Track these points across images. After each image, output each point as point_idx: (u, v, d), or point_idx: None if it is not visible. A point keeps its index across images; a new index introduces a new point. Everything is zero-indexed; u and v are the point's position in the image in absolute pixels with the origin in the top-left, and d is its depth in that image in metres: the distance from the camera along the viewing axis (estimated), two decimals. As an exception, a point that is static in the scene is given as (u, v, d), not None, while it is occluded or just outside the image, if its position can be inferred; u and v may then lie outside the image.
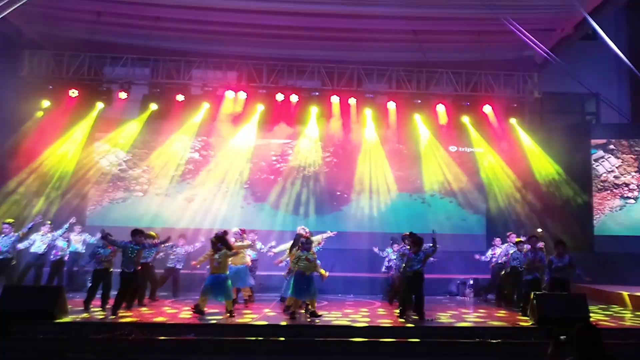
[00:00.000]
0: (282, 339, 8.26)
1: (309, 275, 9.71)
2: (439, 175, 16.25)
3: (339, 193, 16.28)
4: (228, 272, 10.01)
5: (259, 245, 12.32)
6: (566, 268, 10.20)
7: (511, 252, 12.05)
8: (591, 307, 10.08)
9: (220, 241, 9.88)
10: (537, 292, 9.56)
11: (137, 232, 10.19)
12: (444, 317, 10.30)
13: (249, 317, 9.95)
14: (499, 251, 12.87)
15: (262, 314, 10.34)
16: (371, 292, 13.79)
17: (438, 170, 16.25)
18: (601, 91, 17.16)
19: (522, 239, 11.77)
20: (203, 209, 15.75)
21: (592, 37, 17.49)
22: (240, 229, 11.97)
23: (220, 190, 16.02)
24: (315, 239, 11.36)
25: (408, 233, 10.84)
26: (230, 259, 10.14)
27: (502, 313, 11.06)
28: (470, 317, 10.52)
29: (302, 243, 10.16)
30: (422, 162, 16.39)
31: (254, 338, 8.12)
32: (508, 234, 12.60)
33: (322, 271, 10.03)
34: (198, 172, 16.22)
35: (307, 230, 11.64)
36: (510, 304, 11.50)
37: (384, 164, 16.24)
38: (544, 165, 15.60)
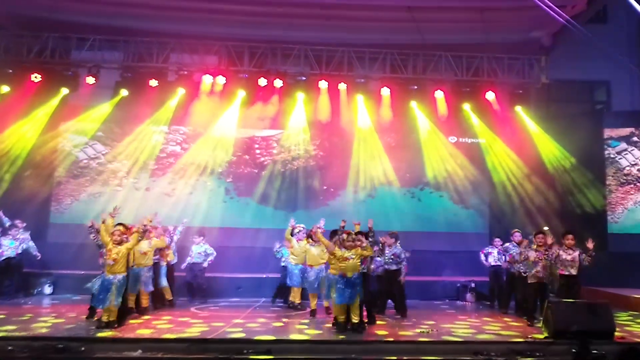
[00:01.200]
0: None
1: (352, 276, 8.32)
2: (437, 168, 14.92)
3: (325, 187, 14.99)
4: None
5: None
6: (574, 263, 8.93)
7: (513, 252, 10.76)
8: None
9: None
10: (549, 299, 8.26)
11: None
12: (443, 326, 8.98)
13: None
14: (495, 252, 11.57)
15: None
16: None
17: (437, 163, 14.92)
18: (612, 78, 16.02)
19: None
20: (182, 203, 14.41)
21: (603, 20, 16.42)
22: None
23: (199, 183, 14.77)
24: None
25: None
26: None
27: (509, 321, 9.75)
28: (470, 328, 9.17)
29: (341, 240, 8.55)
30: (419, 154, 15.05)
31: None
32: (512, 232, 11.25)
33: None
34: (174, 164, 14.87)
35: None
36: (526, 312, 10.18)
37: (376, 155, 14.92)
38: (554, 157, 14.32)
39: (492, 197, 15.10)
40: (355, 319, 8.23)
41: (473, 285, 12.75)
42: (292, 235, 10.49)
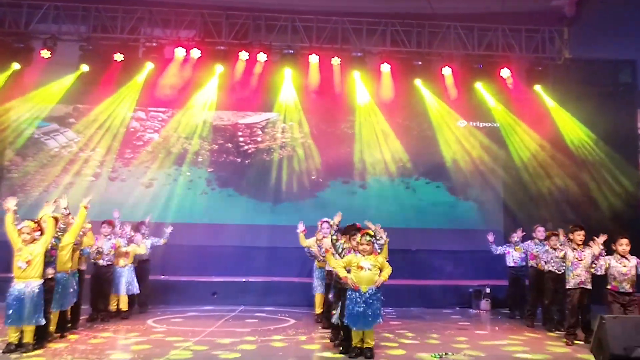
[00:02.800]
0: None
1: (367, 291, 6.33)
2: (445, 156, 13.12)
3: (313, 177, 13.18)
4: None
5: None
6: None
7: (535, 251, 8.94)
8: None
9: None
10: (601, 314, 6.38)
11: None
12: (459, 345, 7.13)
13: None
14: (516, 252, 9.75)
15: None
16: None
17: (445, 149, 13.13)
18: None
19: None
20: (157, 194, 12.79)
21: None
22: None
23: (177, 173, 13.09)
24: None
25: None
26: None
27: (537, 336, 7.91)
28: (493, 347, 7.32)
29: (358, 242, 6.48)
30: (425, 139, 13.27)
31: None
32: (535, 227, 9.38)
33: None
34: (141, 150, 13.12)
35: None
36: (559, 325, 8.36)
37: (373, 141, 13.14)
38: (581, 142, 12.45)
39: (506, 189, 13.26)
40: (369, 343, 6.35)
41: (488, 290, 10.89)
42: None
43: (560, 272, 8.07)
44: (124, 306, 8.94)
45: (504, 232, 12.89)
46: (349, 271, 6.35)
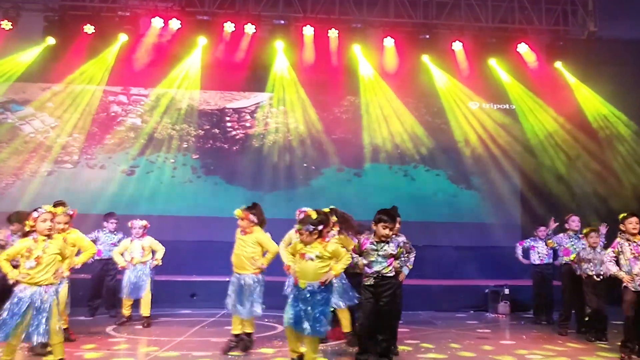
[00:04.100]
0: None
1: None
2: (455, 139, 11.81)
3: (306, 165, 11.90)
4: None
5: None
6: None
7: (569, 245, 7.61)
8: None
9: None
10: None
11: None
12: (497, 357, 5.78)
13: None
14: (541, 246, 8.43)
15: None
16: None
17: (456, 132, 11.82)
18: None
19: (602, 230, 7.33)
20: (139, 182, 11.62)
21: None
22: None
23: (160, 160, 11.89)
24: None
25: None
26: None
27: (581, 348, 6.56)
28: None
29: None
30: (432, 123, 11.97)
31: None
32: (568, 217, 8.02)
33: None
34: (123, 137, 11.84)
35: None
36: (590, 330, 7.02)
37: (374, 123, 11.81)
38: (609, 126, 11.12)
39: (523, 177, 11.93)
40: (310, 357, 4.96)
41: (507, 291, 9.53)
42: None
43: (599, 279, 6.79)
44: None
45: (521, 225, 11.64)
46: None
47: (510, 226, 11.62)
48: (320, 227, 5.02)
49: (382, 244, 5.44)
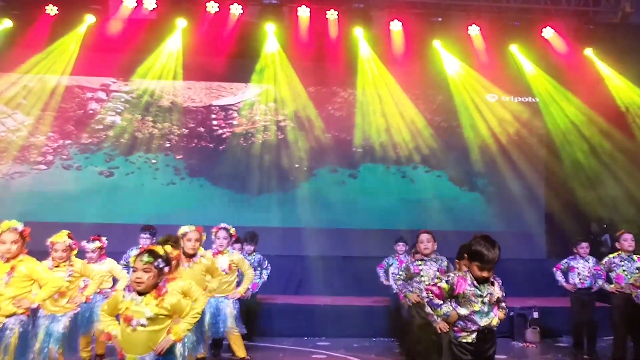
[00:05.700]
0: None
1: None
2: (469, 138, 10.51)
3: (297, 165, 10.70)
4: None
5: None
6: None
7: (621, 271, 6.22)
8: None
9: None
10: None
11: None
12: None
13: None
14: (582, 266, 7.00)
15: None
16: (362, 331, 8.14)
17: (470, 129, 10.54)
18: None
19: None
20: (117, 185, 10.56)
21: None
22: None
23: (140, 161, 10.78)
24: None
25: None
26: None
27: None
28: None
29: None
30: (443, 120, 10.71)
31: None
32: (619, 234, 6.57)
33: None
34: (100, 135, 10.71)
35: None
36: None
37: (373, 119, 10.55)
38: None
39: (547, 182, 10.59)
40: None
41: (536, 314, 8.13)
42: None
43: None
44: None
45: (545, 237, 10.29)
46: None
47: (532, 236, 10.31)
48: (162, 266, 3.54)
49: (486, 286, 3.91)
